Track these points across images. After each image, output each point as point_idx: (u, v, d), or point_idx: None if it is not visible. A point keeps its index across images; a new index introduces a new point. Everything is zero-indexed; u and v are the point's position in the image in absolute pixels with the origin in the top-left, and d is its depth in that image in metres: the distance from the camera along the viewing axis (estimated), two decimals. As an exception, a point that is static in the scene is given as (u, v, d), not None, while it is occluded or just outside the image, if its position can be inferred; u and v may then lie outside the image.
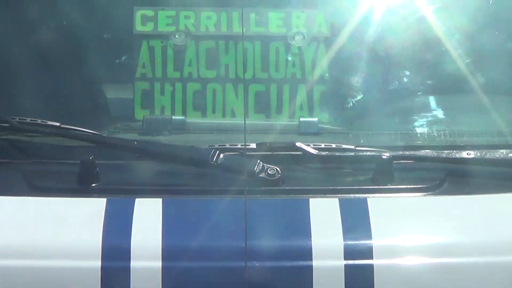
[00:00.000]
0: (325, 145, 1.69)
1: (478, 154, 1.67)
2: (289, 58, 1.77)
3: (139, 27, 1.82)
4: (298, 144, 1.66)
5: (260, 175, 1.59)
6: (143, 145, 1.71)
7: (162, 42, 1.83)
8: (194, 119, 1.84)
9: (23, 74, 1.76)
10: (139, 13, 1.83)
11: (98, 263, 1.50)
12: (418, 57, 1.78)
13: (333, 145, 1.68)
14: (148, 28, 1.82)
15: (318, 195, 1.61)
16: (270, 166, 1.59)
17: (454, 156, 1.68)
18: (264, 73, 1.78)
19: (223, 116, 1.84)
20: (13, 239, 1.58)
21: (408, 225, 1.59)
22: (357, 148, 1.70)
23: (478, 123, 1.80)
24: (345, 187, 1.66)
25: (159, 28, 1.81)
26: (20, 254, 1.53)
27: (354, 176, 1.71)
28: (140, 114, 1.84)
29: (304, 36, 1.77)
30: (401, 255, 1.53)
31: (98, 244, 1.51)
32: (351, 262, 1.53)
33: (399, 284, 1.54)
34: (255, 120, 1.80)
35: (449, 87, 1.81)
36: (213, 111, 1.83)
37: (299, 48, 1.76)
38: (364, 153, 1.68)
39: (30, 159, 1.74)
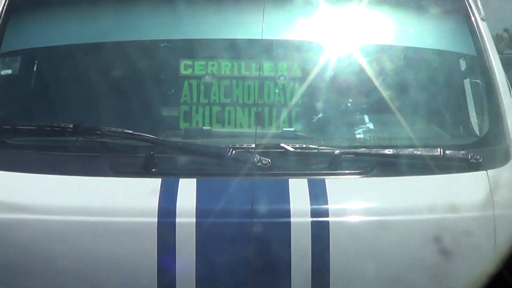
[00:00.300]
0: (298, 145, 2.34)
1: (395, 152, 2.33)
2: (276, 91, 2.47)
3: (182, 72, 2.52)
4: (282, 144, 2.30)
5: (258, 164, 2.24)
6: (184, 145, 2.38)
7: (196, 81, 2.50)
8: (217, 129, 2.50)
9: (113, 102, 2.48)
10: (182, 63, 2.52)
11: (155, 219, 2.14)
12: (358, 89, 2.48)
13: (304, 145, 2.34)
14: (188, 72, 2.52)
15: (294, 177, 2.26)
16: (264, 158, 2.25)
17: (380, 153, 2.33)
18: (261, 100, 2.46)
19: (235, 127, 2.49)
20: (102, 203, 2.23)
21: (352, 195, 2.29)
22: (319, 147, 2.34)
23: (396, 133, 2.48)
24: (311, 172, 2.31)
25: (195, 72, 2.51)
26: (109, 213, 2.19)
27: (317, 165, 2.35)
28: (183, 125, 2.50)
29: (285, 77, 2.48)
30: (347, 214, 2.23)
31: (155, 206, 2.16)
32: (315, 219, 2.17)
33: (346, 233, 2.21)
34: (255, 130, 2.43)
35: (377, 109, 2.51)
36: (229, 124, 2.49)
37: (283, 85, 2.47)
38: (323, 150, 2.32)
39: (115, 153, 2.37)
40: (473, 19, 2.57)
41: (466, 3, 2.57)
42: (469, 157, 2.33)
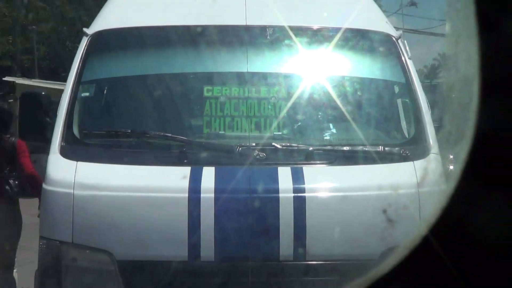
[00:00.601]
0: (284, 144, 3.15)
1: (351, 148, 3.18)
2: (269, 107, 3.33)
3: (205, 94, 3.37)
4: (273, 143, 3.13)
5: (257, 157, 3.06)
6: (206, 144, 3.23)
7: (215, 100, 3.33)
8: (229, 133, 3.29)
9: (158, 114, 3.38)
10: (205, 88, 3.38)
11: (186, 195, 2.92)
12: (325, 105, 3.36)
13: (288, 144, 3.17)
14: (209, 94, 3.35)
15: (281, 166, 3.07)
16: (261, 153, 3.08)
17: (340, 149, 3.19)
18: (258, 113, 3.28)
19: (241, 132, 3.27)
20: (150, 183, 3.00)
21: (321, 178, 3.12)
22: (299, 146, 3.19)
23: (352, 136, 3.30)
24: (293, 162, 3.12)
25: (214, 94, 3.34)
26: (155, 190, 2.97)
27: (297, 158, 3.17)
28: (205, 131, 3.30)
29: (275, 97, 3.36)
30: (318, 192, 3.05)
31: (186, 185, 2.94)
32: (296, 195, 2.94)
33: (318, 205, 2.97)
34: (255, 134, 3.24)
35: (339, 120, 3.39)
36: (237, 130, 3.28)
37: (274, 103, 3.34)
38: (301, 147, 3.18)
39: (158, 150, 3.20)
40: (403, 58, 3.45)
41: (399, 48, 3.47)
42: (401, 152, 3.18)
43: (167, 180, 3.11)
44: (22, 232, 4.93)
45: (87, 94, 3.60)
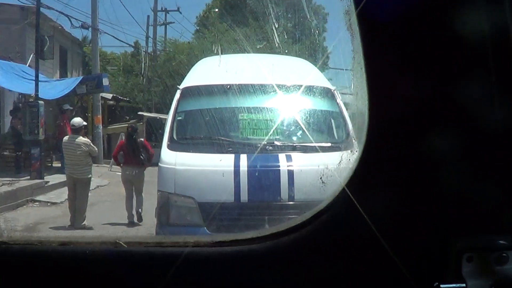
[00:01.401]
0: (282, 143, 6.61)
1: (312, 145, 6.63)
2: (272, 124, 6.74)
3: (239, 117, 6.80)
4: (275, 142, 6.59)
5: (267, 149, 6.50)
6: (241, 142, 6.64)
7: (245, 121, 6.81)
8: (252, 137, 6.80)
9: (216, 128, 6.67)
10: (239, 114, 6.80)
11: (232, 168, 6.12)
12: (297, 122, 6.74)
13: (284, 143, 6.64)
14: (242, 117, 6.80)
15: (280, 153, 6.47)
16: (269, 146, 6.52)
17: (307, 145, 6.60)
18: (265, 127, 6.76)
19: (259, 136, 6.77)
20: (214, 162, 6.31)
21: (299, 160, 6.47)
22: (288, 143, 6.64)
23: (312, 138, 6.70)
24: (286, 152, 6.50)
25: (244, 118, 6.79)
26: (217, 166, 6.19)
27: (287, 149, 6.56)
28: (241, 136, 6.78)
29: (272, 120, 6.77)
30: (298, 167, 6.40)
31: (232, 164, 6.17)
32: (288, 168, 6.19)
33: (298, 173, 6.28)
34: (266, 138, 6.68)
35: (305, 130, 6.77)
36: (256, 135, 6.79)
37: (274, 121, 6.76)
38: (289, 144, 6.63)
39: (218, 146, 6.47)
40: (337, 100, 6.88)
41: (335, 95, 6.88)
42: (337, 146, 6.61)
43: (223, 161, 6.24)
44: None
45: (180, 118, 6.92)
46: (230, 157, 6.17)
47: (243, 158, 6.18)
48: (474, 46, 1.27)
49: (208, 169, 6.15)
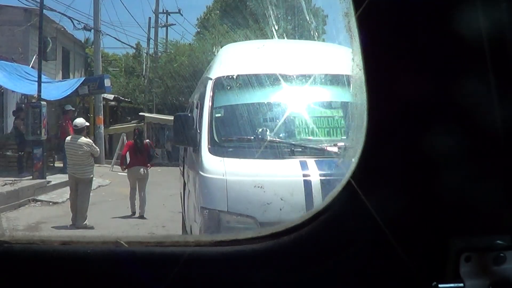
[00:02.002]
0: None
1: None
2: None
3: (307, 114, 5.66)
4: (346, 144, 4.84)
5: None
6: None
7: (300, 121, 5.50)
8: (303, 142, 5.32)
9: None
10: (306, 113, 5.76)
11: (300, 178, 4.67)
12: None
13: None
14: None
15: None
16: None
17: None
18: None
19: (312, 137, 5.33)
20: (275, 171, 4.82)
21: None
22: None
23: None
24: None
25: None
26: (277, 174, 4.78)
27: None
28: (298, 137, 5.30)
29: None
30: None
31: (298, 171, 4.74)
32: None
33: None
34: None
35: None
36: (312, 135, 5.44)
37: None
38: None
39: (272, 148, 5.25)
40: None
41: None
42: None
43: (287, 169, 4.75)
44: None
45: (218, 114, 5.39)
46: (295, 164, 4.88)
47: (312, 164, 4.82)
48: (473, 46, 1.28)
49: (269, 179, 4.72)
